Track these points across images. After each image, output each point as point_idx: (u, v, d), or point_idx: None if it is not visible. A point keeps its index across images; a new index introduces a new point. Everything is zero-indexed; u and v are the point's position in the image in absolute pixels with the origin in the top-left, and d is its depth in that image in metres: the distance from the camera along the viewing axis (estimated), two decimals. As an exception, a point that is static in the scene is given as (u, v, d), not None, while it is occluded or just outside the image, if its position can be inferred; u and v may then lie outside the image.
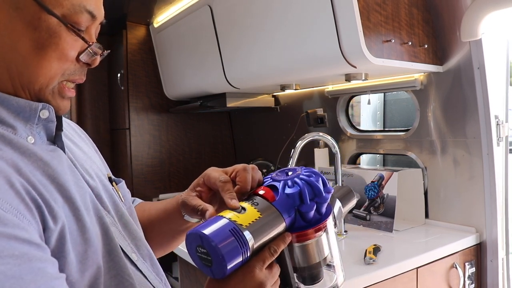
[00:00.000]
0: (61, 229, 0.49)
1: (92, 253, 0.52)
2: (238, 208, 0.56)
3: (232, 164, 0.67)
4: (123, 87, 2.49)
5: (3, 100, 0.51)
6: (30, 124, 0.53)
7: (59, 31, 0.52)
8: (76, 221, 0.51)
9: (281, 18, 1.53)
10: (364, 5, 1.29)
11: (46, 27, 0.51)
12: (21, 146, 0.50)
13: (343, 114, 2.03)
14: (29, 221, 0.45)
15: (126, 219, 0.64)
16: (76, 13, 0.52)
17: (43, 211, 0.47)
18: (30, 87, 0.53)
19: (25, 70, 0.52)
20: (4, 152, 0.48)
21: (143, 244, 0.65)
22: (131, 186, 2.51)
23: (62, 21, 0.51)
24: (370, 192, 1.61)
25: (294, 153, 1.52)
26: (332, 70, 1.51)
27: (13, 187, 0.45)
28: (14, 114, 0.52)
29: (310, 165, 2.17)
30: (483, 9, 1.34)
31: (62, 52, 0.53)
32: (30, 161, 0.50)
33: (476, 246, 1.49)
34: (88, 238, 0.52)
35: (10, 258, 0.40)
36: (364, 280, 1.15)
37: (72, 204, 0.52)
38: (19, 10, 0.50)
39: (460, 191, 1.56)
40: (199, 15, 1.98)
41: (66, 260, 0.48)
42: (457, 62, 1.51)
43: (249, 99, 2.28)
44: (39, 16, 0.50)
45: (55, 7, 0.51)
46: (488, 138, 1.45)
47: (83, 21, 0.54)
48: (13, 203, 0.44)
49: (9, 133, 0.51)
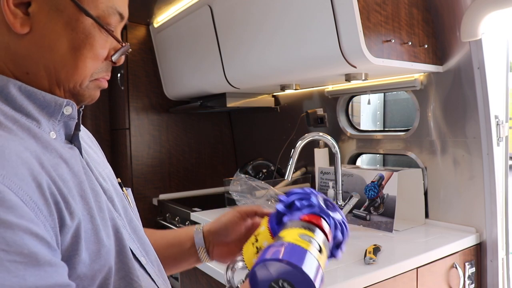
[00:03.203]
0: (77, 226, 0.49)
1: (105, 253, 0.52)
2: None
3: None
4: (123, 87, 2.49)
5: (30, 94, 0.52)
6: (53, 120, 0.55)
7: (93, 32, 0.54)
8: (91, 220, 0.52)
9: (281, 18, 1.53)
10: (364, 5, 1.29)
11: (83, 28, 0.53)
12: (44, 140, 0.51)
13: (343, 114, 2.03)
14: (45, 217, 0.45)
15: (135, 224, 0.65)
16: (109, 14, 0.55)
17: (61, 207, 0.47)
18: (65, 85, 0.55)
19: (62, 69, 0.54)
20: (29, 144, 0.48)
21: (151, 249, 0.66)
22: (131, 186, 2.51)
23: (98, 22, 0.54)
24: (370, 192, 1.61)
25: (294, 153, 1.52)
26: (332, 70, 1.51)
27: (36, 180, 0.45)
28: (40, 108, 0.53)
29: (310, 165, 2.17)
30: (483, 9, 1.34)
31: (95, 52, 0.55)
32: (52, 156, 0.51)
33: (476, 246, 1.49)
34: (102, 237, 0.52)
35: (17, 255, 0.39)
36: (364, 280, 1.15)
37: (87, 204, 0.52)
38: (59, 11, 0.52)
39: (460, 191, 1.56)
40: (199, 15, 1.98)
41: (80, 258, 0.49)
42: (457, 62, 1.51)
43: (249, 99, 2.28)
44: (77, 18, 0.53)
45: (91, 8, 0.53)
46: (488, 138, 1.45)
47: (114, 22, 0.56)
48: (33, 197, 0.44)
49: (34, 126, 0.52)
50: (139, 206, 2.69)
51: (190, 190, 2.68)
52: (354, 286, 1.13)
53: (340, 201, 1.55)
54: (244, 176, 1.89)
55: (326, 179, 1.83)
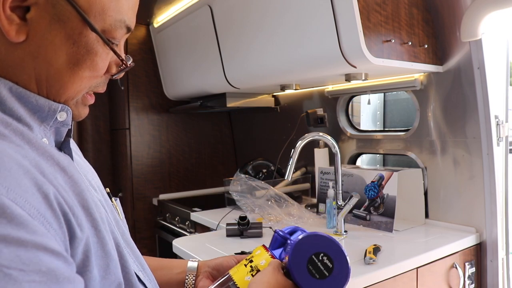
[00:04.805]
0: (86, 239, 0.45)
1: (114, 267, 0.49)
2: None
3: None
4: (123, 87, 2.49)
5: (22, 96, 0.47)
6: (44, 125, 0.50)
7: (96, 47, 0.50)
8: (96, 233, 0.48)
9: (281, 18, 1.53)
10: (364, 5, 1.29)
11: (85, 42, 0.49)
12: (39, 146, 0.47)
13: (343, 114, 2.03)
14: (55, 230, 0.41)
15: (127, 237, 0.60)
16: (116, 28, 0.51)
17: (69, 219, 0.43)
18: (56, 98, 0.50)
19: (55, 83, 0.49)
20: (26, 151, 0.44)
21: (145, 264, 0.63)
22: (131, 186, 2.51)
23: (102, 37, 0.49)
24: (370, 192, 1.61)
25: (294, 153, 1.52)
26: (332, 70, 1.51)
27: (41, 190, 0.41)
28: (31, 112, 0.48)
29: (310, 165, 2.17)
30: (483, 9, 1.34)
31: (95, 68, 0.51)
32: (49, 164, 0.46)
33: (476, 246, 1.49)
34: (109, 251, 0.49)
35: (36, 274, 0.36)
36: (364, 280, 1.15)
37: (90, 215, 0.48)
38: (61, 22, 0.47)
39: (460, 191, 1.56)
40: (199, 15, 1.98)
41: (91, 275, 0.45)
42: (457, 62, 1.51)
43: (249, 99, 2.28)
44: (80, 31, 0.48)
45: (98, 22, 0.48)
46: (488, 138, 1.45)
47: (119, 35, 0.52)
48: (41, 209, 0.40)
49: (27, 130, 0.47)
50: (139, 206, 2.69)
51: (190, 190, 2.68)
52: (354, 286, 1.13)
53: (340, 201, 1.55)
54: (244, 176, 1.89)
55: (326, 179, 1.83)
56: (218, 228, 1.79)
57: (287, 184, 2.09)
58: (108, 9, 0.49)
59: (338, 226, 1.53)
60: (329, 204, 1.61)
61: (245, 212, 1.80)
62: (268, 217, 1.73)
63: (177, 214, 2.25)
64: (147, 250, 2.56)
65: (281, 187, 2.05)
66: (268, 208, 1.76)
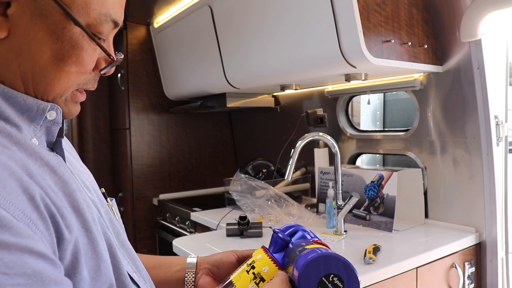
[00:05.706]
0: (75, 241, 0.44)
1: (105, 268, 0.48)
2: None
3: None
4: (123, 87, 2.49)
5: (9, 96, 0.47)
6: (34, 125, 0.49)
7: (81, 42, 0.48)
8: (87, 234, 0.47)
9: (281, 18, 1.53)
10: (364, 5, 1.29)
11: (69, 37, 0.47)
12: (28, 147, 0.46)
13: (343, 114, 2.04)
14: (42, 232, 0.40)
15: (122, 238, 0.59)
16: (102, 22, 0.49)
17: (57, 220, 0.42)
18: (44, 96, 0.50)
19: (42, 80, 0.48)
20: (13, 152, 0.43)
21: (141, 265, 0.62)
22: (131, 186, 2.51)
23: (86, 32, 0.48)
24: (370, 192, 1.61)
25: (294, 153, 1.52)
26: (332, 70, 1.51)
27: (26, 192, 0.40)
28: (19, 112, 0.48)
29: (310, 165, 2.17)
30: (483, 9, 1.35)
31: (82, 63, 0.49)
32: (38, 165, 0.45)
33: (475, 246, 1.49)
34: (100, 252, 0.48)
35: (20, 277, 0.35)
36: (364, 280, 1.15)
37: (81, 216, 0.47)
38: (43, 17, 0.46)
39: (460, 191, 1.56)
40: (199, 15, 1.98)
41: (81, 276, 0.44)
42: (457, 62, 1.51)
43: (249, 99, 2.28)
44: (63, 26, 0.47)
45: (82, 16, 0.47)
46: (488, 138, 1.45)
47: (106, 30, 0.51)
48: (26, 211, 0.39)
49: (15, 131, 0.46)
50: (139, 206, 2.69)
51: (190, 190, 2.68)
52: (354, 286, 1.13)
53: (340, 201, 1.56)
54: (244, 176, 1.89)
55: (326, 179, 1.83)
56: (218, 228, 1.79)
57: (287, 184, 2.09)
58: (91, 3, 0.48)
59: (338, 226, 1.54)
60: (329, 204, 1.62)
61: (245, 212, 1.80)
62: (268, 217, 1.73)
63: (177, 214, 2.25)
64: (147, 250, 2.56)
65: (281, 187, 2.05)
66: (268, 208, 1.76)
